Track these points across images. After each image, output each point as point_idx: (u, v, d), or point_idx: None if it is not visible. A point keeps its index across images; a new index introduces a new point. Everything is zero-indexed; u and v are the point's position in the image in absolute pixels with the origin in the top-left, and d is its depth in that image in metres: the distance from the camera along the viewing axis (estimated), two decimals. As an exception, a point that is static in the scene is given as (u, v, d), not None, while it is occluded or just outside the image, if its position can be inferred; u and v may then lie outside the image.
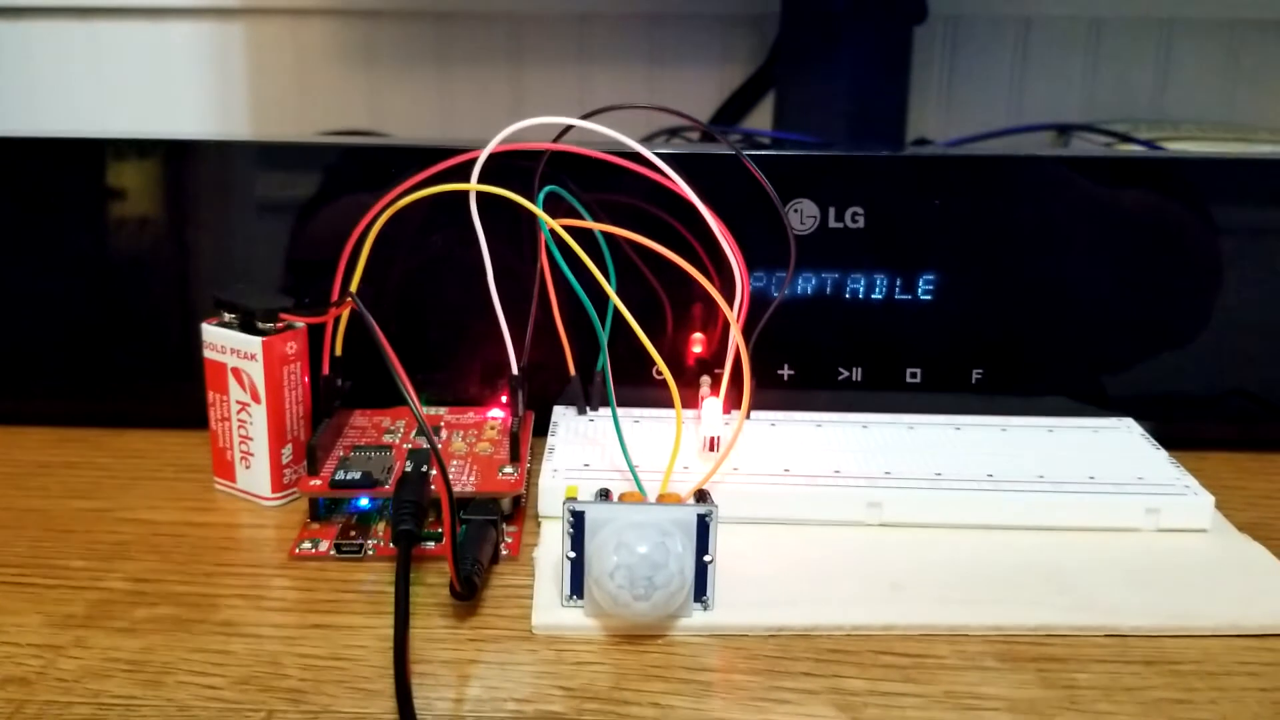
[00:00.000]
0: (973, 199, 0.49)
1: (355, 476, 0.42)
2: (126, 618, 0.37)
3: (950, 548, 0.42)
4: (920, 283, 0.50)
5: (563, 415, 0.50)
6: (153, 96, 0.85)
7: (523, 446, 0.45)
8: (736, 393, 0.46)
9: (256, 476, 0.45)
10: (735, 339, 0.43)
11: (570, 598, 0.37)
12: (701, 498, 0.38)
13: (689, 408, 0.49)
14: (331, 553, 0.41)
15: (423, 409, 0.50)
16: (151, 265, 0.50)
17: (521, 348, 0.46)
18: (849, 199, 0.49)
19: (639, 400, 0.50)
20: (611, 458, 0.46)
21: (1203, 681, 0.35)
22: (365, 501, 0.44)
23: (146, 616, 0.38)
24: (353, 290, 0.42)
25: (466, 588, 0.37)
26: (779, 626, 0.37)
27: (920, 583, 0.40)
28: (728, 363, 0.46)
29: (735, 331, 0.43)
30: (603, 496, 0.39)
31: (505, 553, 0.42)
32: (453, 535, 0.36)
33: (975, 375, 0.51)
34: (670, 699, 0.34)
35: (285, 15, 0.84)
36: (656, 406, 0.50)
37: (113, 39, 0.84)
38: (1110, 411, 0.51)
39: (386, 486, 0.42)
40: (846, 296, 0.50)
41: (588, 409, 0.50)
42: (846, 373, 0.51)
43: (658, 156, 0.46)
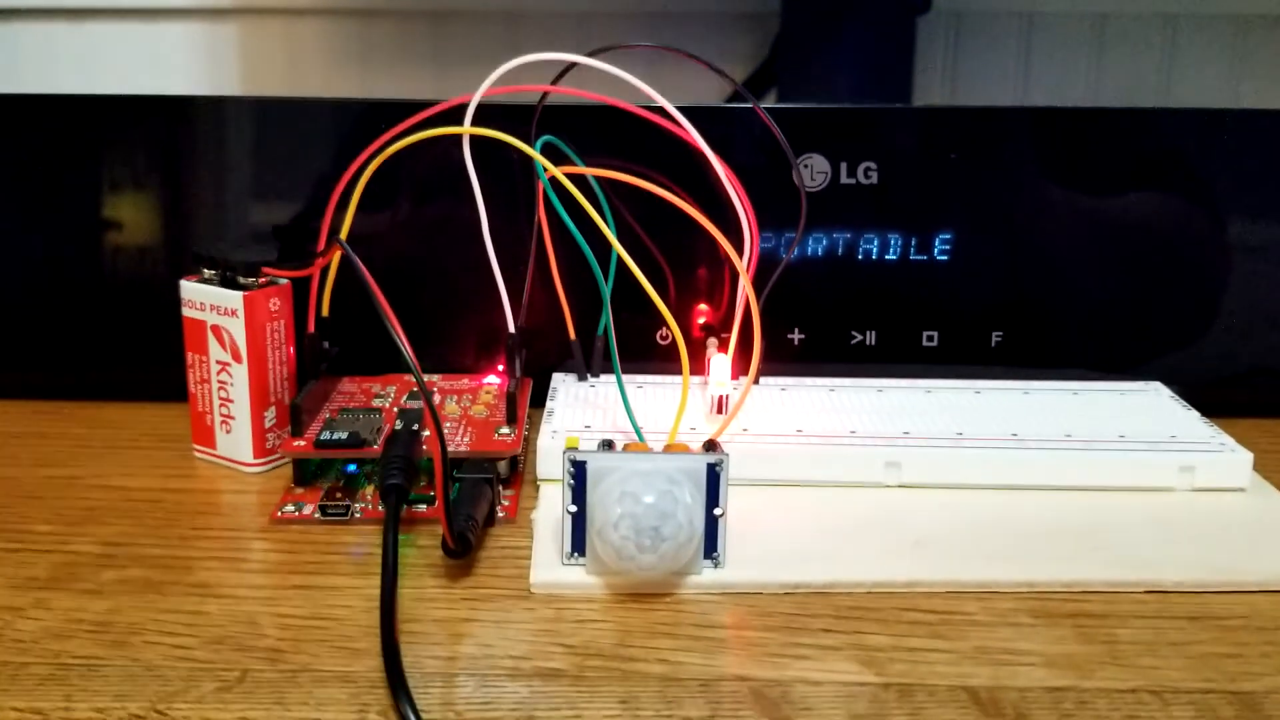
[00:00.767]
0: (991, 153, 0.47)
1: (342, 436, 0.40)
2: (93, 580, 0.35)
3: (974, 508, 0.40)
4: (936, 242, 0.48)
5: (562, 381, 0.47)
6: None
7: (520, 408, 0.43)
8: (745, 357, 0.44)
9: (238, 441, 0.42)
10: (744, 288, 0.41)
11: (571, 555, 0.35)
12: (711, 447, 0.36)
13: (696, 375, 0.46)
14: (316, 515, 0.39)
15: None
16: (130, 231, 0.48)
17: (519, 307, 0.44)
18: (861, 154, 0.47)
19: (642, 369, 0.48)
20: (614, 419, 0.43)
21: (1253, 636, 0.33)
22: (353, 466, 0.41)
23: (115, 579, 0.35)
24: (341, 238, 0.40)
25: (460, 544, 0.34)
26: (795, 584, 0.35)
27: (944, 540, 0.37)
28: (736, 318, 0.43)
29: (745, 281, 0.40)
30: (606, 447, 0.36)
31: (502, 515, 0.39)
32: (445, 489, 0.34)
33: (995, 339, 0.48)
34: (679, 655, 0.32)
35: (279, 15, 0.83)
36: (660, 374, 0.48)
37: (104, 40, 0.83)
38: (1137, 376, 0.48)
39: (375, 447, 0.40)
40: (859, 257, 0.48)
41: (588, 375, 0.47)
42: (859, 337, 0.49)
43: (658, 106, 0.43)
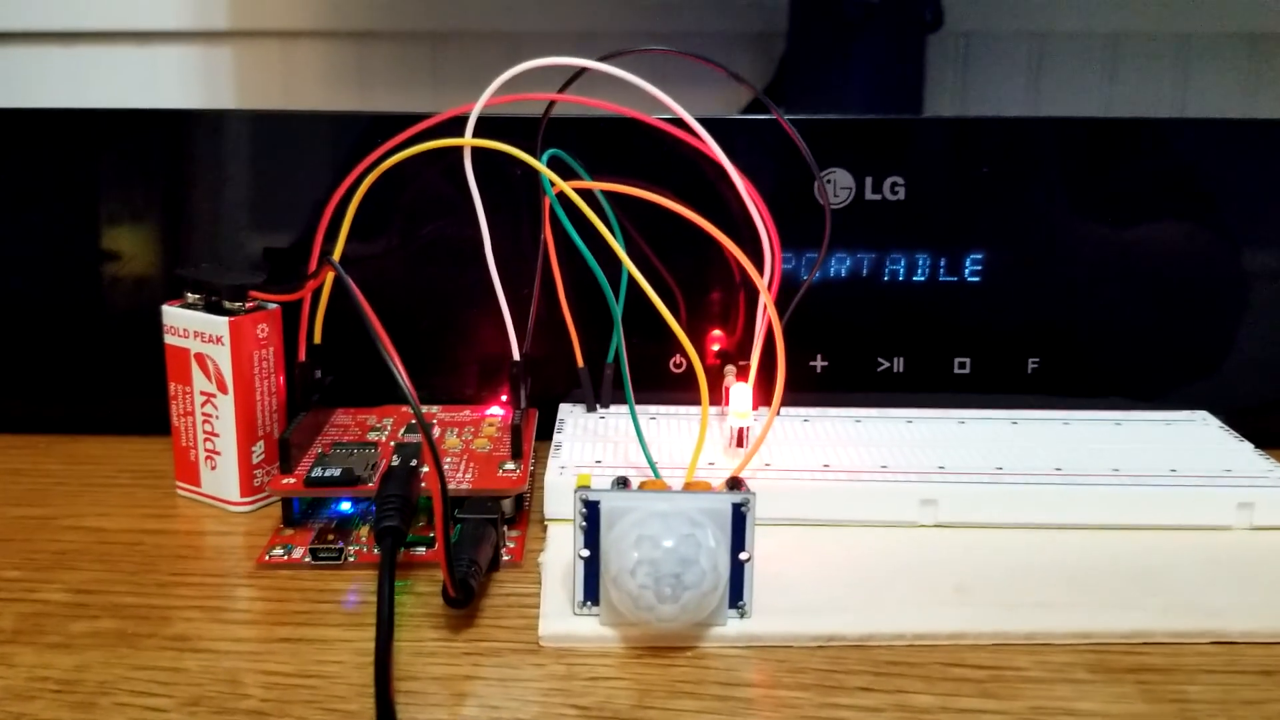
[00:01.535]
0: (1026, 167, 0.44)
1: (335, 473, 0.37)
2: (61, 632, 0.32)
3: (1018, 549, 0.37)
4: (968, 262, 0.45)
5: (569, 413, 0.44)
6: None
7: (526, 441, 0.40)
8: (763, 386, 0.41)
9: (223, 479, 0.39)
10: (768, 310, 0.38)
11: (583, 604, 0.32)
12: (735, 485, 0.33)
13: (713, 405, 0.43)
14: (306, 559, 0.36)
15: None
16: (113, 254, 0.45)
17: (524, 333, 0.41)
18: (887, 168, 0.44)
19: (655, 399, 0.45)
20: (626, 453, 0.40)
21: (1336, 693, 0.30)
22: (347, 505, 0.38)
23: (85, 630, 0.32)
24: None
25: (462, 591, 0.31)
26: (828, 636, 0.32)
27: (988, 586, 0.34)
28: (756, 343, 0.41)
29: (768, 301, 0.38)
30: (620, 485, 0.33)
31: (507, 558, 0.36)
32: (445, 532, 0.31)
33: (1031, 365, 0.46)
34: (704, 718, 0.28)
35: (275, 38, 0.80)
36: (674, 404, 0.45)
37: (96, 63, 0.81)
38: (1182, 404, 0.46)
39: (370, 485, 0.37)
40: (885, 278, 0.45)
41: (598, 405, 0.45)
42: (886, 364, 0.46)
43: (672, 118, 0.41)
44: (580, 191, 0.39)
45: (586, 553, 0.32)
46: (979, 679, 0.30)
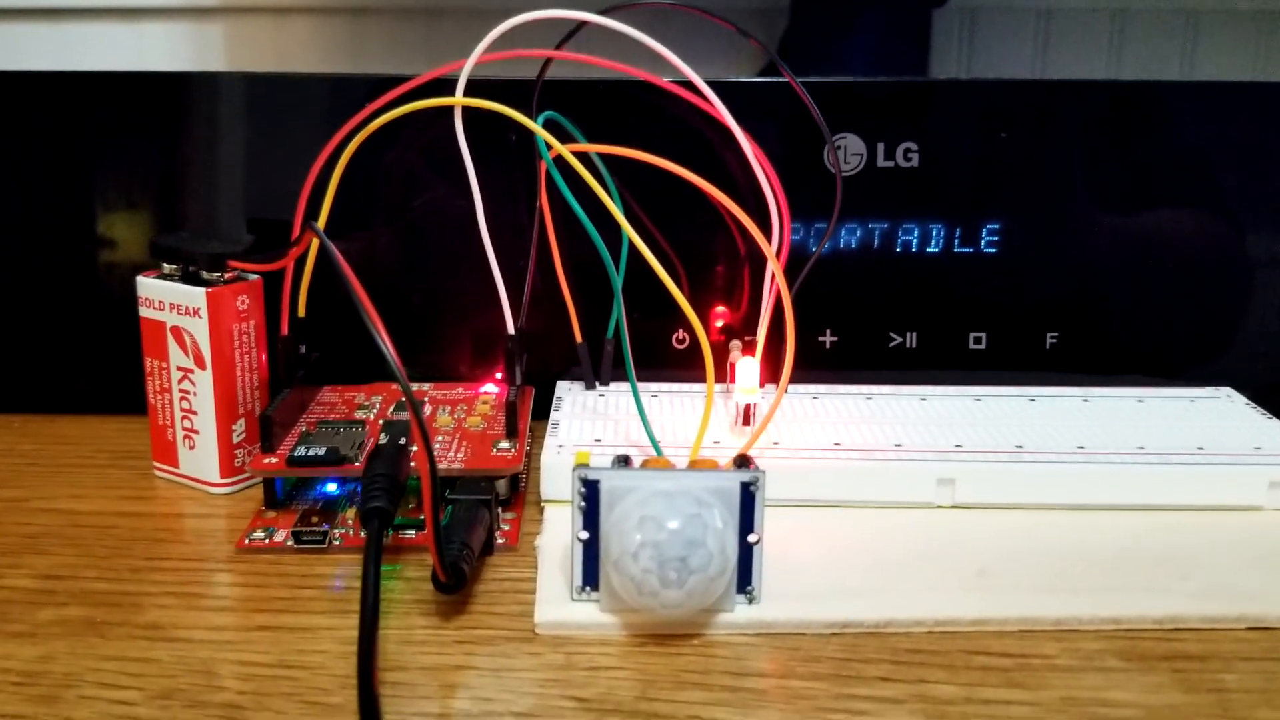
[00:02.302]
0: (1046, 133, 0.42)
1: (319, 453, 0.35)
2: (26, 620, 0.30)
3: (1040, 531, 0.35)
4: (984, 232, 0.43)
5: (568, 390, 0.42)
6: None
7: (522, 420, 0.38)
8: (770, 362, 0.39)
9: (202, 459, 0.37)
10: (777, 280, 0.36)
11: (582, 589, 0.30)
12: (743, 463, 0.31)
13: (718, 382, 0.42)
14: (289, 543, 0.34)
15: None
16: (87, 223, 0.43)
17: (519, 306, 0.39)
18: (900, 133, 0.42)
19: (657, 376, 0.43)
20: (627, 432, 0.38)
21: (1385, 682, 0.28)
22: (333, 486, 0.36)
23: (52, 619, 0.30)
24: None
25: (453, 576, 0.30)
26: (843, 622, 0.30)
27: (1011, 570, 0.33)
28: (763, 316, 0.39)
29: (777, 271, 0.35)
30: (621, 463, 0.31)
31: (502, 542, 0.34)
32: (435, 513, 0.29)
33: (1049, 340, 0.44)
34: (713, 710, 0.27)
35: (267, 14, 0.78)
36: (677, 381, 0.43)
37: (83, 41, 0.78)
38: (1205, 380, 0.44)
39: (357, 464, 0.35)
40: (898, 249, 0.43)
41: (597, 382, 0.43)
42: (899, 339, 0.44)
43: (678, 79, 0.39)
44: (578, 156, 0.37)
45: (586, 535, 0.30)
46: (1005, 667, 0.28)
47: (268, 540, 0.34)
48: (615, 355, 0.42)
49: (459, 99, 0.37)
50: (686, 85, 0.39)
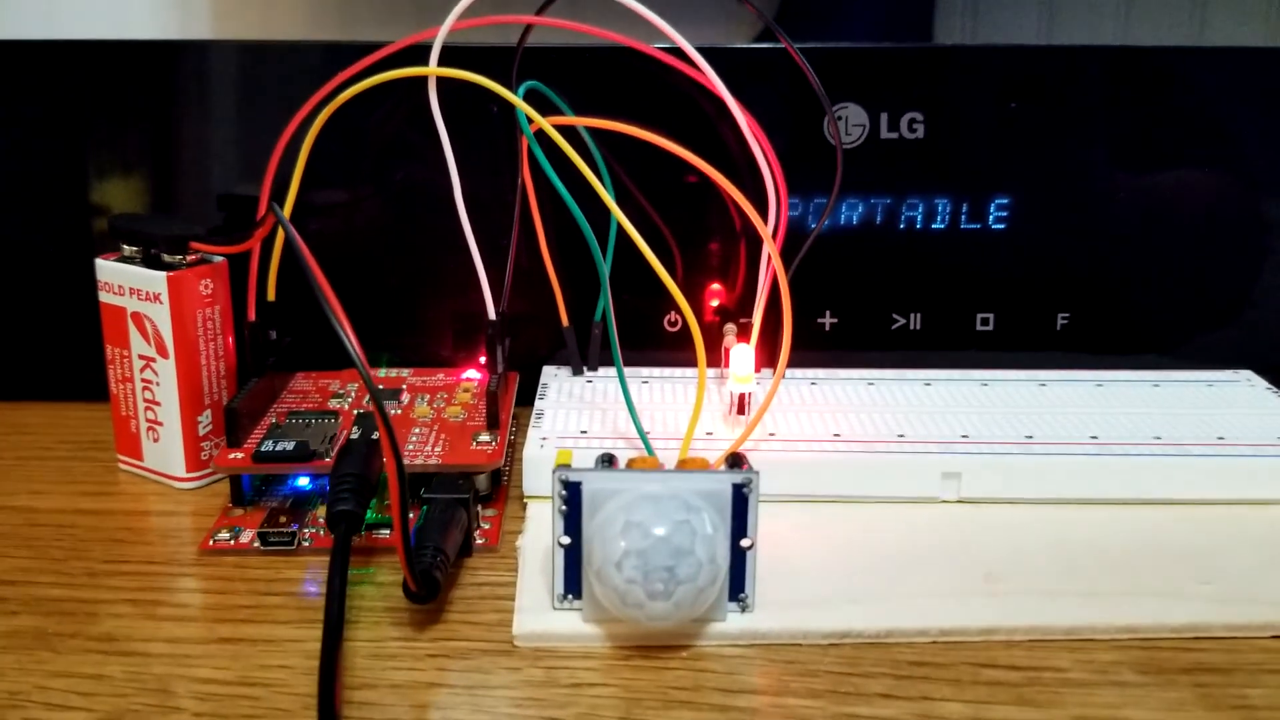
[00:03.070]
0: (1058, 102, 0.40)
1: (287, 447, 0.33)
2: (-28, 632, 0.28)
3: (1052, 529, 0.33)
4: (992, 208, 0.41)
5: (553, 376, 0.40)
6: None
7: (504, 409, 0.36)
8: (767, 346, 0.37)
9: (167, 452, 0.35)
10: (769, 252, 0.34)
11: (564, 597, 0.28)
12: (736, 463, 0.29)
13: (711, 368, 0.40)
14: (255, 544, 0.32)
15: (381, 370, 0.41)
16: (49, 199, 0.41)
17: (501, 289, 0.37)
18: (905, 103, 0.40)
19: (648, 361, 0.41)
20: (615, 421, 0.36)
21: None
22: (305, 481, 0.34)
23: (1, 630, 0.28)
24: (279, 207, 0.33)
25: (425, 585, 0.28)
26: (842, 632, 0.28)
27: (1021, 572, 0.31)
28: (759, 298, 0.37)
29: (773, 251, 0.33)
30: (605, 463, 0.29)
31: (482, 542, 0.32)
32: (403, 516, 0.27)
33: (1060, 320, 0.42)
34: (702, 733, 0.25)
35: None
36: (669, 366, 0.41)
37: (65, 1, 0.76)
38: (1223, 362, 0.42)
39: (328, 460, 0.33)
40: (901, 225, 0.41)
41: (584, 368, 0.41)
42: (902, 320, 0.42)
43: (668, 47, 0.36)
44: (562, 129, 0.35)
45: (567, 540, 0.28)
46: (1014, 682, 0.27)
47: (233, 541, 0.32)
48: (603, 339, 0.40)
49: (432, 69, 0.35)
50: (677, 53, 0.37)
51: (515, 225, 0.38)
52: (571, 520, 0.28)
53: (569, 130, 0.37)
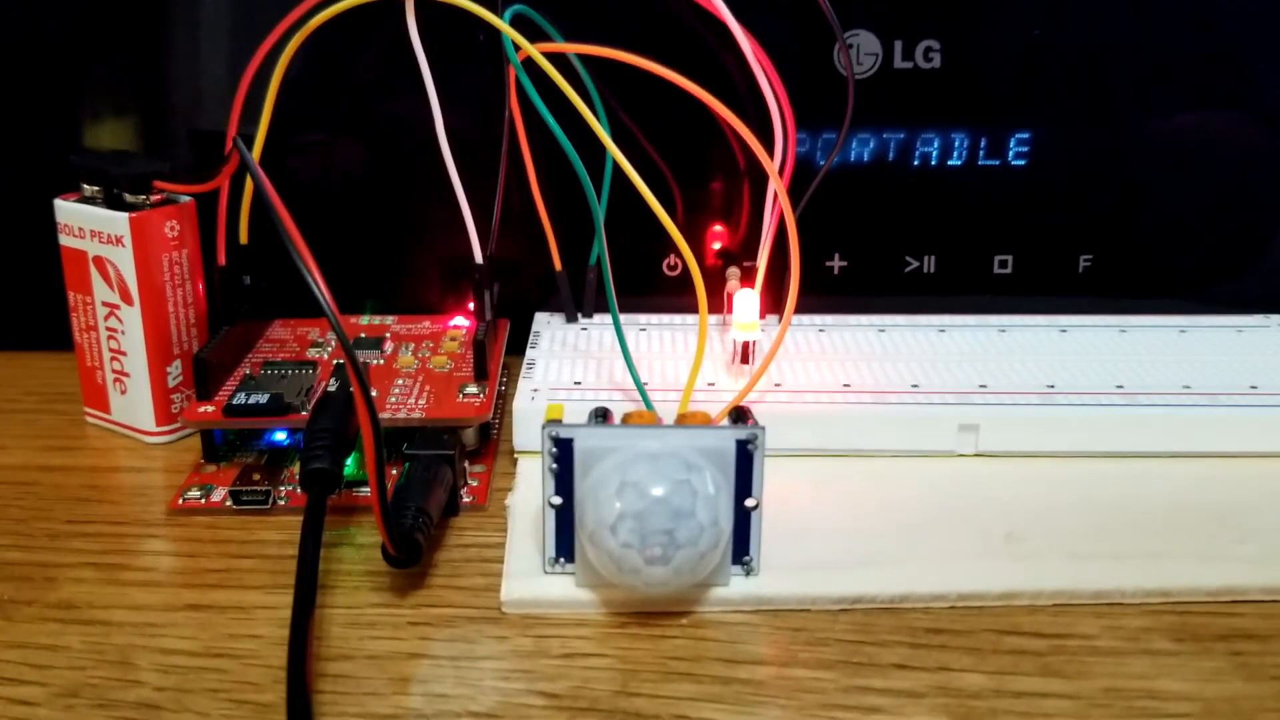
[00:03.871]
0: (1085, 29, 0.37)
1: (261, 400, 0.31)
2: (-78, 600, 0.26)
3: (1075, 484, 0.31)
4: (1012, 143, 0.39)
5: (546, 323, 0.38)
6: None
7: (493, 360, 0.34)
8: (772, 291, 0.35)
9: (135, 405, 0.33)
10: (775, 190, 0.32)
11: (555, 561, 0.26)
12: (740, 417, 0.27)
13: (713, 314, 0.37)
14: (227, 503, 0.30)
15: (364, 318, 0.38)
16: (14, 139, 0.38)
17: (488, 230, 0.35)
18: (920, 30, 0.37)
19: (646, 307, 0.39)
20: (611, 372, 0.34)
21: None
22: (282, 435, 0.32)
23: (-48, 598, 0.27)
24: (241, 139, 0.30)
25: (405, 549, 0.26)
26: (854, 597, 0.26)
27: (1044, 532, 0.29)
28: (764, 240, 0.34)
29: (780, 189, 0.31)
30: (599, 418, 0.27)
31: (469, 500, 0.30)
32: (379, 476, 0.25)
33: (1083, 263, 0.39)
34: (703, 709, 0.23)
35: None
36: (668, 312, 0.39)
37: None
38: (1251, 307, 0.40)
39: (304, 413, 0.31)
40: (915, 162, 0.39)
41: (579, 315, 0.38)
42: (915, 263, 0.40)
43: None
44: (552, 57, 0.32)
45: (559, 500, 0.26)
46: (1039, 650, 0.25)
47: (204, 500, 0.30)
48: (598, 285, 0.37)
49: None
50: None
51: (503, 163, 0.35)
52: (563, 480, 0.26)
53: (560, 59, 0.34)
